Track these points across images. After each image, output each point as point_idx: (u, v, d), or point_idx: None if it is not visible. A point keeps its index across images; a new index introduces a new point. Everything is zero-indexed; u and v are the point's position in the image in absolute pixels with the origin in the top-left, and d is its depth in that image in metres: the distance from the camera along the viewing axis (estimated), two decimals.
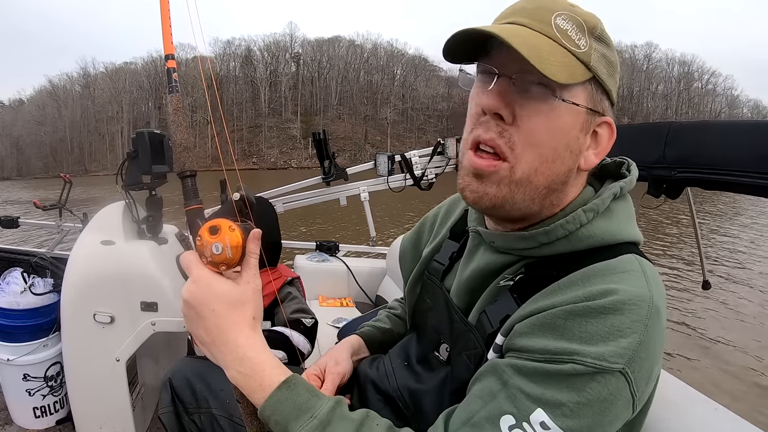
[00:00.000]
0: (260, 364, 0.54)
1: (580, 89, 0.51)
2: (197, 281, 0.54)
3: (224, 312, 0.54)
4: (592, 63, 0.50)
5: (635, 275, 0.48)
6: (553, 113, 0.50)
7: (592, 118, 0.52)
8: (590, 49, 0.50)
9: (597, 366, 0.43)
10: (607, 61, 0.52)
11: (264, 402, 0.52)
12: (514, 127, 0.51)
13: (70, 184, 2.22)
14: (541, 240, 0.54)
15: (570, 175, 0.54)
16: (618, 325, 0.44)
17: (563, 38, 0.49)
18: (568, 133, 0.51)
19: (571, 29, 0.49)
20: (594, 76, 0.51)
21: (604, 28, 0.52)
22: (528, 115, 0.50)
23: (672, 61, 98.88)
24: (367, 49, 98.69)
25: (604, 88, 0.52)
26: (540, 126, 0.50)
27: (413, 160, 2.67)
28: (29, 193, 29.49)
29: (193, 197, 0.59)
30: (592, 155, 0.54)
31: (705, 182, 1.23)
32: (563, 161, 0.52)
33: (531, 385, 0.45)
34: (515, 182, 0.52)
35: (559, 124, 0.50)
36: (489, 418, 0.46)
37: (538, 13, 0.50)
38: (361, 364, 0.83)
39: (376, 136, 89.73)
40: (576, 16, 0.50)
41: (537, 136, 0.50)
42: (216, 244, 0.53)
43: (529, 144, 0.50)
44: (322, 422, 0.50)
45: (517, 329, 0.50)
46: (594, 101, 0.52)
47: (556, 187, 0.54)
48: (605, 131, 0.54)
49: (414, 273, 0.77)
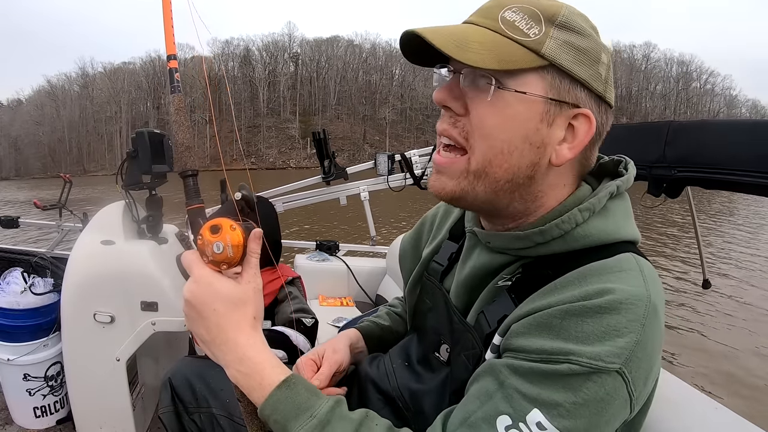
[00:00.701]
0: (260, 364, 0.54)
1: (532, 78, 0.49)
2: (198, 281, 0.54)
3: (225, 311, 0.54)
4: (545, 50, 0.48)
5: (632, 274, 0.48)
6: (501, 103, 0.49)
7: (557, 109, 0.50)
8: (544, 36, 0.48)
9: (593, 366, 0.43)
10: (574, 47, 0.49)
11: (264, 401, 0.52)
12: (466, 117, 0.52)
13: (70, 184, 2.22)
14: (537, 240, 0.54)
15: (536, 170, 0.52)
16: (614, 325, 0.44)
17: (507, 29, 0.49)
18: (524, 124, 0.50)
19: (520, 19, 0.49)
20: (551, 64, 0.49)
21: (571, 15, 0.50)
22: (476, 105, 0.51)
23: (670, 60, 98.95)
24: (366, 49, 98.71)
25: (573, 76, 0.50)
26: (487, 115, 0.50)
27: (413, 160, 2.67)
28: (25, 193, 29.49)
29: (195, 196, 0.59)
30: (566, 149, 0.52)
31: (705, 181, 1.23)
32: (522, 154, 0.51)
33: (527, 385, 0.45)
34: (473, 173, 0.52)
35: (509, 114, 0.50)
36: (486, 418, 0.46)
37: (488, 10, 0.51)
38: (362, 363, 0.83)
39: (374, 136, 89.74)
40: (531, 7, 0.50)
41: (486, 126, 0.50)
42: (217, 243, 0.53)
43: (481, 134, 0.51)
44: (322, 422, 0.50)
45: (513, 329, 0.50)
46: (556, 90, 0.50)
47: (520, 181, 0.53)
48: (582, 124, 0.51)
49: (414, 274, 0.77)
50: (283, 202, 2.64)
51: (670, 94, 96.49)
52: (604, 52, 0.52)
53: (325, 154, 2.59)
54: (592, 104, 0.52)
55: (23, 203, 19.41)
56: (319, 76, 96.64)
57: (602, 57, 0.51)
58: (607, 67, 0.52)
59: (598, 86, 0.51)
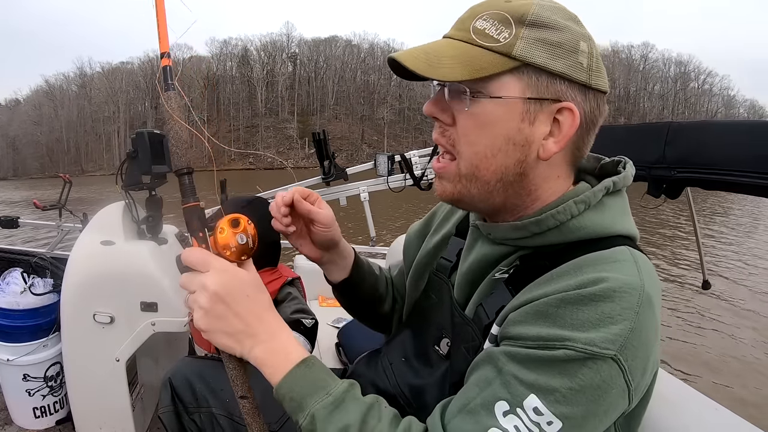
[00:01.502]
0: (288, 339, 0.57)
1: (509, 81, 0.50)
2: (225, 271, 0.55)
3: (256, 295, 0.57)
4: (517, 51, 0.49)
5: (626, 264, 0.49)
6: (479, 110, 0.52)
7: (538, 106, 0.51)
8: (514, 38, 0.50)
9: (588, 351, 0.43)
10: (548, 43, 0.50)
11: (283, 377, 0.53)
12: (454, 127, 0.55)
13: (69, 184, 2.22)
14: (533, 230, 0.55)
15: (524, 166, 0.54)
16: (608, 312, 0.45)
17: (478, 38, 0.51)
18: (505, 127, 0.52)
19: (490, 26, 0.51)
20: (525, 63, 0.50)
21: (540, 12, 0.50)
22: (459, 116, 0.54)
23: (668, 61, 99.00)
24: (364, 48, 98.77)
25: (550, 71, 0.50)
26: (469, 125, 0.53)
27: (413, 160, 2.67)
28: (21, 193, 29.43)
29: (191, 194, 0.59)
30: (552, 144, 0.53)
31: (705, 182, 1.23)
32: (507, 154, 0.53)
33: (524, 371, 0.46)
34: (464, 177, 0.56)
35: (488, 120, 0.52)
36: (484, 404, 0.47)
37: (462, 23, 0.54)
38: (357, 364, 0.83)
39: (372, 136, 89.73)
40: (501, 12, 0.51)
41: (469, 135, 0.53)
42: (240, 235, 0.57)
43: (465, 141, 0.54)
44: (337, 400, 0.52)
45: (511, 318, 0.51)
46: (534, 89, 0.51)
47: (510, 178, 0.55)
48: (566, 117, 0.52)
49: (417, 267, 0.78)
50: None
51: (668, 95, 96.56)
52: (583, 40, 0.52)
53: (325, 154, 2.60)
54: (576, 95, 0.52)
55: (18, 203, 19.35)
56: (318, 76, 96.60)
57: (581, 46, 0.51)
58: (589, 55, 0.52)
59: (579, 76, 0.51)
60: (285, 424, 0.92)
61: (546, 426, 0.44)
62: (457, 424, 0.48)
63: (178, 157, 0.59)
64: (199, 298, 0.54)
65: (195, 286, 0.55)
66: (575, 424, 0.44)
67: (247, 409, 0.58)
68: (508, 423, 0.45)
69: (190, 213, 0.58)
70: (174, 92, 0.59)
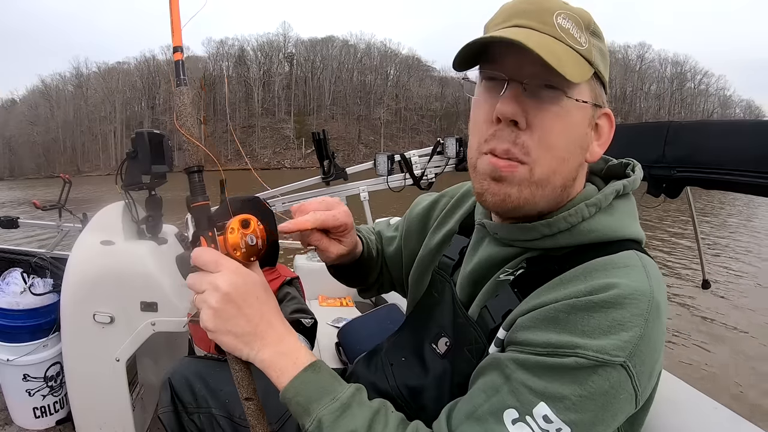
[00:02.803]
0: (296, 343, 0.56)
1: (585, 86, 0.52)
2: (237, 272, 0.54)
3: (266, 298, 0.56)
4: (593, 59, 0.51)
5: (636, 270, 0.49)
6: (564, 113, 0.51)
7: (595, 112, 0.54)
8: (590, 45, 0.51)
9: (599, 359, 0.43)
10: (602, 53, 0.53)
11: (290, 381, 0.53)
12: (527, 132, 0.51)
13: (69, 184, 2.22)
14: (544, 231, 0.54)
15: (579, 171, 0.56)
16: (619, 319, 0.45)
17: (567, 38, 0.49)
18: (578, 131, 0.53)
19: (572, 27, 0.50)
20: (595, 72, 0.52)
21: (596, 23, 0.53)
22: (541, 118, 0.50)
23: (665, 61, 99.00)
24: (361, 49, 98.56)
25: (602, 81, 0.54)
26: (554, 128, 0.50)
27: (413, 160, 2.66)
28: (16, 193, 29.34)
29: (200, 193, 0.58)
30: (596, 147, 0.56)
31: (705, 182, 1.23)
32: (575, 158, 0.54)
33: (534, 379, 0.46)
34: (535, 183, 0.52)
35: (570, 124, 0.51)
36: (492, 412, 0.47)
37: (539, 14, 0.50)
38: (357, 365, 0.83)
39: (369, 136, 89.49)
40: (573, 14, 0.51)
41: (551, 138, 0.51)
42: (250, 236, 0.57)
43: (544, 147, 0.51)
44: (343, 405, 0.51)
45: (519, 323, 0.50)
46: (596, 96, 0.53)
47: (569, 183, 0.55)
48: (605, 122, 0.55)
49: (420, 265, 0.78)
50: (283, 203, 2.64)
51: (665, 95, 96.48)
52: None
53: (324, 154, 2.59)
54: (607, 103, 0.56)
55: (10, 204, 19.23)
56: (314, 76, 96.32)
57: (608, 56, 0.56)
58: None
59: (608, 86, 0.56)
60: (285, 424, 0.92)
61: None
62: (465, 430, 0.48)
63: (189, 155, 0.58)
64: (209, 298, 0.53)
65: (205, 285, 0.54)
66: (584, 430, 0.44)
67: (251, 411, 0.58)
68: (518, 431, 0.45)
69: (199, 212, 0.57)
70: (186, 87, 0.58)
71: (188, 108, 0.58)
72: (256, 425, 0.57)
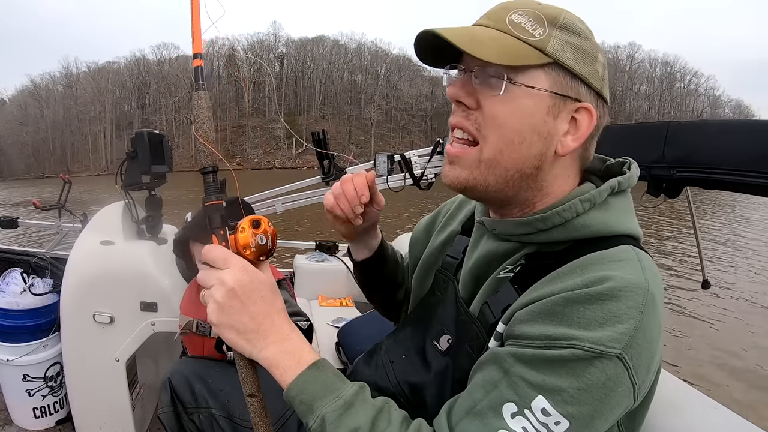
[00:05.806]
0: (300, 343, 0.57)
1: (538, 74, 0.53)
2: (244, 270, 0.56)
3: (271, 298, 0.57)
4: (550, 49, 0.52)
5: (631, 263, 0.50)
6: (511, 97, 0.53)
7: (561, 102, 0.54)
8: (548, 36, 0.53)
9: (595, 350, 0.44)
10: (575, 47, 0.54)
11: (294, 379, 0.53)
12: (479, 111, 0.55)
13: (69, 184, 2.21)
14: (538, 226, 0.56)
15: (543, 160, 0.56)
16: (615, 311, 0.45)
17: (515, 29, 0.53)
18: (532, 117, 0.54)
19: (526, 21, 0.53)
20: (555, 61, 0.53)
21: (570, 18, 0.54)
22: (488, 99, 0.54)
23: (654, 61, 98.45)
24: (351, 48, 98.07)
25: (574, 73, 0.54)
26: (499, 108, 0.54)
27: (413, 160, 2.66)
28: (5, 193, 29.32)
29: (215, 192, 0.60)
30: (570, 140, 0.56)
31: (704, 182, 1.23)
32: (530, 144, 0.54)
33: (532, 372, 0.46)
34: (484, 163, 0.56)
35: (518, 107, 0.53)
36: (491, 406, 0.47)
37: (496, 13, 0.56)
38: (357, 363, 0.83)
39: (360, 136, 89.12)
40: (535, 11, 0.54)
41: (498, 118, 0.54)
42: (260, 236, 0.59)
43: (492, 125, 0.54)
44: (347, 403, 0.52)
45: (517, 317, 0.51)
46: (561, 86, 0.54)
47: (528, 171, 0.56)
48: (584, 117, 0.55)
49: (424, 265, 0.79)
50: (282, 203, 2.64)
51: (655, 95, 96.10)
52: (600, 52, 0.56)
53: (324, 154, 2.59)
54: (592, 99, 0.56)
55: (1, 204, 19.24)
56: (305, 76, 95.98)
57: (599, 57, 0.56)
58: (603, 66, 0.57)
59: (596, 83, 0.55)
60: (285, 424, 0.92)
61: (554, 426, 0.44)
62: (464, 426, 0.48)
63: (204, 156, 0.60)
64: (215, 293, 0.55)
65: (213, 281, 0.55)
66: (582, 423, 0.44)
67: (254, 408, 0.58)
68: (517, 425, 0.45)
69: (212, 210, 0.59)
70: (204, 92, 0.60)
71: (205, 112, 0.60)
72: (259, 422, 0.58)
